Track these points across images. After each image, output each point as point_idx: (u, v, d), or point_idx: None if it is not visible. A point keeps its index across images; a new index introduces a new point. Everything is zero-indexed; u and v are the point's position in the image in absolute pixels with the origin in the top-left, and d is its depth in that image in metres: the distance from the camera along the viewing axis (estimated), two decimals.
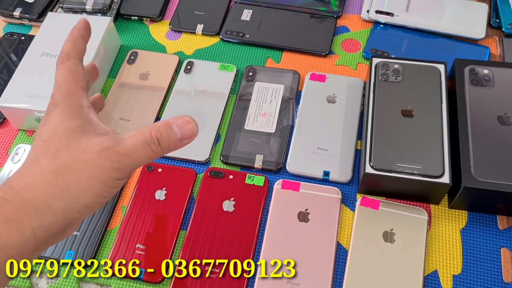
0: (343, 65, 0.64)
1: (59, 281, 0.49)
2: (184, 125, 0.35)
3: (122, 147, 0.33)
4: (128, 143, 0.33)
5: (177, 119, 0.35)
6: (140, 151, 0.33)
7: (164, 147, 0.34)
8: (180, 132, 0.34)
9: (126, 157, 0.33)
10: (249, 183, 0.54)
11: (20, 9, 0.70)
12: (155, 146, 0.33)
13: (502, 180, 0.46)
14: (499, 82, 0.53)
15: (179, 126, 0.34)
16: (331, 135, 0.56)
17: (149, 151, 0.33)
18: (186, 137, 0.35)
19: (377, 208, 0.51)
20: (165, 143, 0.34)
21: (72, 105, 0.34)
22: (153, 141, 0.33)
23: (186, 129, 0.35)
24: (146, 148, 0.33)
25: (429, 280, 0.48)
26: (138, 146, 0.33)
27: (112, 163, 0.32)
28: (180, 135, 0.34)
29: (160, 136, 0.34)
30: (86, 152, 0.32)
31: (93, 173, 0.32)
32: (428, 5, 0.67)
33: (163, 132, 0.34)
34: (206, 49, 0.67)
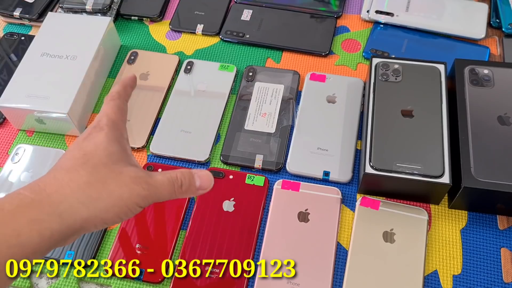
0: (343, 65, 0.64)
1: (59, 281, 0.49)
2: (204, 178, 0.39)
3: (152, 179, 0.37)
4: (158, 177, 0.37)
5: (199, 171, 0.40)
6: (165, 187, 0.37)
7: (183, 190, 0.38)
8: (200, 182, 0.39)
9: (153, 188, 0.36)
10: (249, 183, 0.54)
11: (20, 9, 0.70)
12: (177, 187, 0.38)
13: (502, 180, 0.46)
14: (499, 82, 0.53)
15: (200, 177, 0.39)
16: (331, 135, 0.56)
17: (171, 190, 0.37)
18: (203, 188, 0.39)
19: (377, 208, 0.51)
20: (186, 187, 0.38)
21: (115, 133, 0.38)
22: (177, 182, 0.38)
23: (204, 181, 0.39)
24: (170, 186, 0.37)
25: (429, 280, 0.48)
26: (165, 182, 0.37)
27: (142, 190, 0.36)
28: (199, 185, 0.39)
29: (183, 180, 0.38)
30: (123, 174, 0.36)
31: (123, 193, 0.35)
32: (428, 5, 0.67)
33: (186, 178, 0.38)
34: (206, 49, 0.67)
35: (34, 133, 0.60)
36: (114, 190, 0.35)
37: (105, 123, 0.38)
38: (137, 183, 0.35)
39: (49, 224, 0.32)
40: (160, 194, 0.37)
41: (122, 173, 0.36)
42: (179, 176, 0.38)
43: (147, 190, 0.36)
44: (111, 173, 0.35)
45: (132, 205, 0.35)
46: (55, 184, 0.34)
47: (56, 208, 0.33)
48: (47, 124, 0.58)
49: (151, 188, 0.36)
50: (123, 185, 0.35)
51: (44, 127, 0.59)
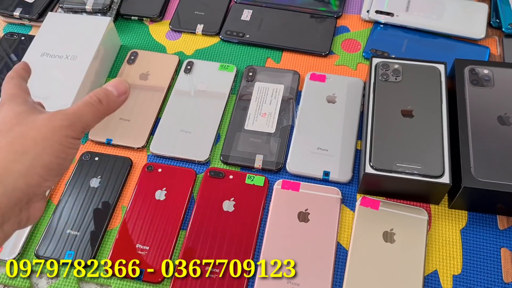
0: (343, 65, 0.64)
1: (59, 281, 0.49)
2: (116, 82, 0.40)
3: (68, 109, 0.37)
4: (73, 106, 0.38)
5: (110, 82, 0.40)
6: (85, 109, 0.37)
7: (105, 104, 0.39)
8: (116, 89, 0.40)
9: (73, 115, 0.36)
10: (249, 183, 0.54)
11: (20, 9, 0.70)
12: (97, 104, 0.38)
13: (502, 180, 0.46)
14: (499, 82, 0.53)
15: (113, 85, 0.40)
16: (331, 135, 0.56)
17: (93, 109, 0.38)
18: (121, 93, 0.40)
19: (377, 208, 0.51)
20: (105, 100, 0.39)
21: (17, 100, 0.38)
22: (95, 100, 0.38)
23: (119, 87, 0.40)
24: (90, 106, 0.38)
25: (429, 280, 0.48)
26: (81, 105, 0.37)
27: (62, 121, 0.36)
28: (116, 92, 0.40)
29: (99, 95, 0.39)
30: (37, 120, 0.36)
31: (46, 133, 0.35)
32: (428, 5, 0.67)
33: (101, 92, 0.39)
34: (206, 49, 0.67)
35: None
36: (36, 135, 0.34)
37: (4, 99, 0.38)
38: (54, 119, 0.35)
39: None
40: (84, 117, 0.37)
41: (36, 120, 0.35)
42: (93, 95, 0.38)
43: (67, 119, 0.36)
44: (27, 126, 0.35)
45: (63, 139, 0.35)
46: None
47: None
48: None
49: (70, 116, 0.36)
50: (42, 127, 0.35)
51: None
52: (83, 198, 0.54)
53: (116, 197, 0.54)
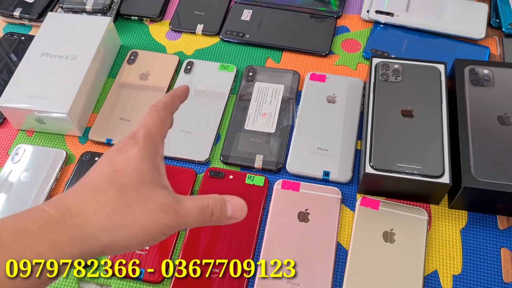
0: (343, 65, 0.64)
1: (59, 281, 0.49)
2: (237, 206, 0.36)
3: (181, 207, 0.34)
4: (187, 205, 0.34)
5: (232, 199, 0.37)
6: (195, 216, 0.35)
7: (213, 220, 0.35)
8: (232, 211, 0.36)
9: (181, 218, 0.34)
10: (249, 183, 0.54)
11: (20, 9, 0.70)
12: (207, 216, 0.35)
13: (502, 180, 0.46)
14: (499, 82, 0.53)
15: (233, 206, 0.36)
16: (331, 135, 0.56)
17: (199, 218, 0.35)
18: (234, 217, 0.36)
19: (377, 208, 0.51)
20: (216, 217, 0.35)
21: (150, 148, 0.36)
22: (208, 211, 0.35)
23: (237, 211, 0.36)
24: (200, 214, 0.35)
25: (429, 280, 0.48)
26: (194, 211, 0.34)
27: (168, 219, 0.33)
28: (230, 214, 0.36)
29: (214, 208, 0.35)
30: (150, 200, 0.33)
31: (149, 222, 0.33)
32: (428, 5, 0.67)
33: (218, 206, 0.35)
34: (206, 49, 0.67)
35: (34, 133, 0.60)
36: (139, 217, 0.33)
37: (141, 135, 0.36)
38: (164, 212, 0.33)
39: (70, 249, 0.31)
40: (188, 223, 0.35)
41: (150, 198, 0.33)
42: (211, 204, 0.35)
43: (174, 219, 0.34)
44: (138, 197, 0.33)
45: (157, 234, 0.33)
46: (80, 204, 0.32)
47: (78, 232, 0.32)
48: (47, 124, 0.58)
49: (178, 217, 0.34)
50: (149, 213, 0.33)
51: (44, 127, 0.59)
52: None
53: None
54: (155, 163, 0.36)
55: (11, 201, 0.53)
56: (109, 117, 0.60)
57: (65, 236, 0.31)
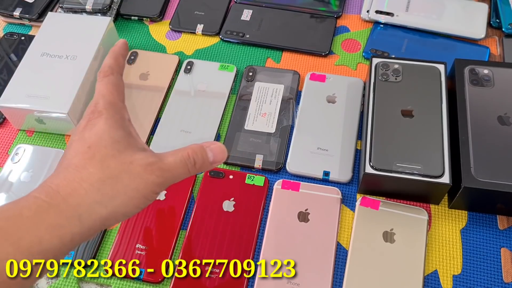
0: (343, 65, 0.64)
1: (59, 281, 0.49)
2: (216, 150, 0.38)
3: (164, 164, 0.35)
4: (169, 160, 0.36)
5: (211, 144, 0.38)
6: (179, 169, 0.36)
7: (197, 168, 0.37)
8: (213, 156, 0.38)
9: (167, 173, 0.35)
10: (249, 183, 0.54)
11: (20, 9, 0.70)
12: (191, 165, 0.37)
13: (502, 180, 0.46)
14: (499, 82, 0.53)
15: (213, 151, 0.38)
16: (331, 135, 0.56)
17: (185, 170, 0.36)
18: (217, 161, 0.38)
19: (377, 208, 0.51)
20: (199, 164, 0.37)
21: (115, 116, 0.37)
22: (190, 161, 0.37)
23: (217, 154, 0.38)
24: (184, 166, 0.36)
25: (429, 280, 0.48)
26: (178, 163, 0.36)
27: (156, 178, 0.35)
28: (212, 159, 0.38)
29: (196, 157, 0.37)
30: (133, 164, 0.34)
31: (139, 185, 0.34)
32: (428, 5, 0.67)
33: (199, 154, 0.37)
34: (206, 49, 0.67)
35: (34, 133, 0.60)
36: (128, 184, 0.34)
37: (102, 106, 0.36)
38: (150, 172, 0.34)
39: (69, 228, 0.32)
40: (175, 176, 0.36)
41: (132, 163, 0.34)
42: (191, 154, 0.37)
43: (162, 177, 0.35)
44: (121, 165, 0.34)
45: (150, 194, 0.35)
46: (68, 185, 0.33)
47: (74, 212, 0.32)
48: (47, 124, 0.58)
49: (165, 174, 0.35)
50: (137, 177, 0.34)
51: (44, 127, 0.59)
52: None
53: None
54: (126, 129, 0.37)
55: (11, 201, 0.53)
56: None
57: (61, 217, 0.32)
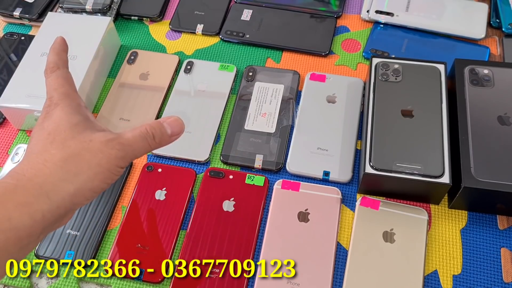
0: (343, 65, 0.64)
1: (59, 281, 0.49)
2: (173, 123, 0.40)
3: (124, 139, 0.37)
4: (128, 135, 0.38)
5: (167, 119, 0.40)
6: (139, 143, 0.38)
7: (157, 141, 0.39)
8: (170, 129, 0.40)
9: (128, 147, 0.37)
10: (249, 183, 0.54)
11: (20, 9, 0.70)
12: (150, 139, 0.38)
13: (502, 180, 0.46)
14: (499, 82, 0.53)
15: (169, 124, 0.40)
16: (331, 135, 0.56)
17: (145, 144, 0.38)
18: (175, 133, 0.40)
19: (377, 208, 0.51)
20: (158, 138, 0.39)
21: (71, 104, 0.38)
22: (149, 135, 0.38)
23: (175, 126, 0.40)
24: (144, 140, 0.38)
25: (429, 280, 0.48)
26: (137, 138, 0.38)
27: (117, 152, 0.36)
28: (170, 132, 0.40)
29: (154, 131, 0.39)
30: (93, 142, 0.36)
31: (101, 160, 0.35)
32: (428, 5, 0.67)
33: (156, 128, 0.39)
34: (206, 49, 0.67)
35: None
36: (90, 159, 0.35)
37: (57, 98, 0.38)
38: (110, 147, 0.36)
39: (38, 206, 0.33)
40: (136, 151, 0.38)
41: (92, 140, 0.36)
42: (149, 129, 0.38)
43: (123, 150, 0.36)
44: (82, 144, 0.36)
45: (113, 168, 0.36)
46: (32, 168, 0.34)
47: (41, 190, 0.33)
48: None
49: (126, 148, 0.37)
50: (98, 152, 0.36)
51: None
52: None
53: (116, 197, 0.54)
54: (83, 114, 0.38)
55: None
56: (109, 117, 0.60)
57: (29, 196, 0.33)
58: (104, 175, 0.36)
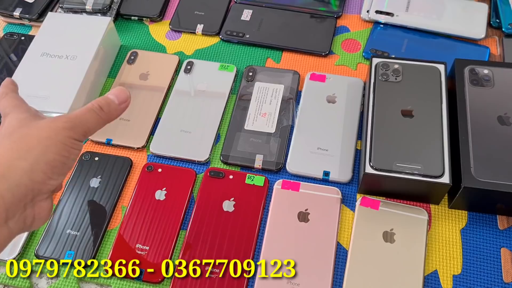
0: (343, 65, 0.64)
1: (59, 281, 0.49)
2: (117, 91, 0.41)
3: (71, 114, 0.38)
4: (75, 111, 0.39)
5: (112, 91, 0.42)
6: (87, 114, 0.39)
7: (106, 111, 0.40)
8: (116, 98, 0.41)
9: (76, 119, 0.38)
10: (249, 183, 0.54)
11: (20, 9, 0.70)
12: (98, 110, 0.39)
13: (502, 180, 0.46)
14: (499, 82, 0.53)
15: (114, 94, 0.41)
16: (331, 135, 0.56)
17: (93, 115, 0.39)
18: (122, 101, 0.41)
19: (377, 208, 0.51)
20: (107, 108, 0.40)
21: (20, 109, 0.39)
22: (95, 107, 0.39)
23: (120, 95, 0.41)
24: (91, 112, 0.39)
25: (429, 280, 0.48)
26: (84, 110, 0.39)
27: (64, 123, 0.37)
28: (118, 101, 0.41)
29: (100, 103, 0.40)
30: (40, 123, 0.37)
31: (49, 133, 0.36)
32: (428, 5, 0.67)
33: (102, 100, 0.40)
34: (206, 49, 0.67)
35: None
36: (39, 135, 0.36)
37: (8, 110, 0.39)
38: (57, 121, 0.37)
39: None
40: (86, 121, 0.38)
41: (40, 122, 0.37)
42: (95, 102, 0.40)
43: (70, 121, 0.37)
44: (30, 128, 0.36)
45: (65, 139, 0.36)
46: None
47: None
48: None
49: (73, 119, 0.37)
50: (45, 127, 0.36)
51: None
52: (83, 198, 0.54)
53: (116, 197, 0.54)
54: (31, 112, 0.39)
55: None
56: None
57: None
58: (57, 147, 0.36)
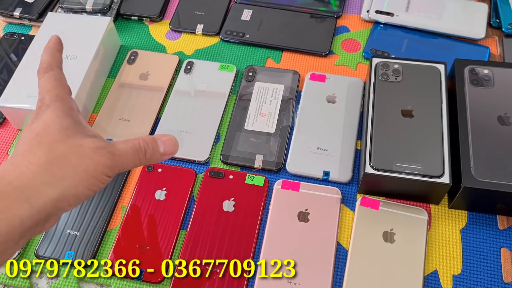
0: (343, 65, 0.64)
1: (59, 281, 0.49)
2: (167, 142, 0.39)
3: (115, 148, 0.36)
4: (120, 146, 0.37)
5: (162, 136, 0.39)
6: (129, 156, 0.37)
7: (148, 158, 0.38)
8: (163, 147, 0.39)
9: (118, 158, 0.36)
10: (249, 183, 0.54)
11: (20, 9, 0.70)
12: (141, 154, 0.37)
13: (502, 180, 0.46)
14: (499, 82, 0.53)
15: (163, 142, 0.39)
16: (331, 135, 0.56)
17: (135, 158, 0.37)
18: (167, 153, 0.39)
19: (377, 208, 0.51)
20: (150, 154, 0.38)
21: (63, 107, 0.37)
22: (141, 150, 0.37)
23: (168, 146, 0.39)
24: (134, 154, 0.37)
25: (429, 280, 0.48)
26: (128, 150, 0.37)
27: (106, 160, 0.35)
28: (163, 150, 0.39)
29: (146, 147, 0.38)
30: (83, 147, 0.35)
31: (88, 166, 0.34)
32: (428, 5, 0.67)
33: (149, 144, 0.38)
34: (206, 49, 0.67)
35: None
36: (77, 164, 0.34)
37: (49, 99, 0.37)
38: (100, 155, 0.35)
39: (17, 211, 0.31)
40: (125, 163, 0.37)
41: (82, 146, 0.35)
42: (142, 143, 0.37)
43: (112, 160, 0.35)
44: (70, 148, 0.34)
45: (100, 176, 0.35)
46: (14, 170, 0.33)
47: (21, 194, 0.32)
48: None
49: (115, 158, 0.36)
50: (87, 158, 0.34)
51: None
52: None
53: (116, 197, 0.54)
54: (75, 118, 0.37)
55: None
56: (109, 117, 0.60)
57: (7, 200, 0.31)
58: (89, 181, 0.34)
